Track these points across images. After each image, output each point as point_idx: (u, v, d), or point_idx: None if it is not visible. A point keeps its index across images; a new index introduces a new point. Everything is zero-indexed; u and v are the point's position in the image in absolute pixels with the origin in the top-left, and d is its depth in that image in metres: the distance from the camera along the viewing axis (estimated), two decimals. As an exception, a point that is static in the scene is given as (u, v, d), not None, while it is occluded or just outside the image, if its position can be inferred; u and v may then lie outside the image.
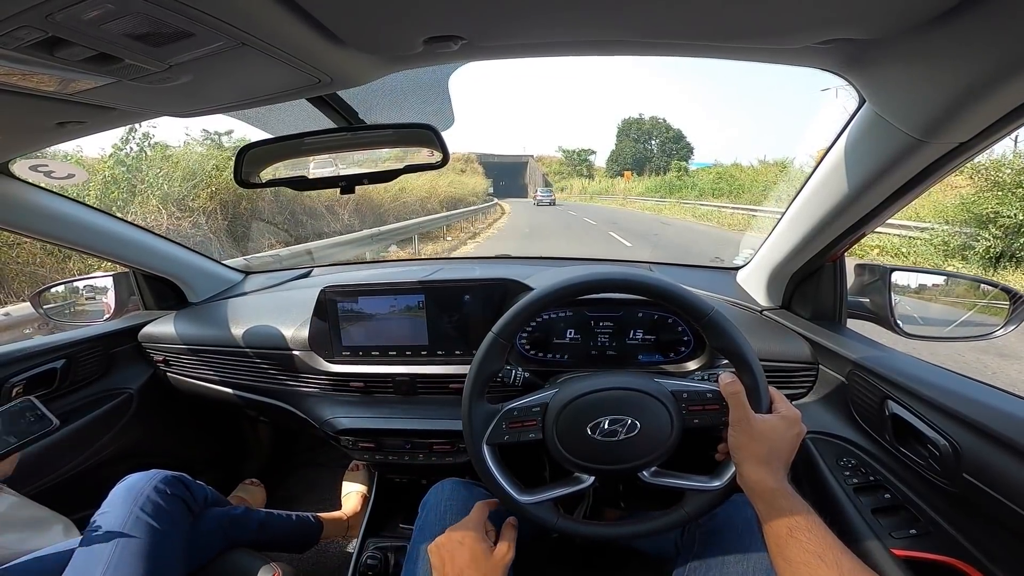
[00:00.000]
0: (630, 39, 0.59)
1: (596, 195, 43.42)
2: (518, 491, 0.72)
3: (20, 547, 0.88)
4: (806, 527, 0.56)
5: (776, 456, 0.63)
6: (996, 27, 0.46)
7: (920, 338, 0.96)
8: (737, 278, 1.29)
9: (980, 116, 0.56)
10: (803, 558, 0.53)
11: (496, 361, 0.73)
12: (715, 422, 0.70)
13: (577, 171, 67.55)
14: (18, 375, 1.16)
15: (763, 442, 0.64)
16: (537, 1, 0.49)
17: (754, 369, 0.67)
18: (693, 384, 0.72)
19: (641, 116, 67.87)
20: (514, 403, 0.73)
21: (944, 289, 1.02)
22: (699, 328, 0.71)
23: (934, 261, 7.31)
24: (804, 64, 0.64)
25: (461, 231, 12.94)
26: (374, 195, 12.06)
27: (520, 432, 0.72)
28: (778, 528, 0.58)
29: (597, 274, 0.73)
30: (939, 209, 8.16)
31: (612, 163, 66.00)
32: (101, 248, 1.26)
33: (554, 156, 73.27)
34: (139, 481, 0.91)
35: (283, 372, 1.21)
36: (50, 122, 0.73)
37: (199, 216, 7.30)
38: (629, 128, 66.94)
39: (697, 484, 0.71)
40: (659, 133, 65.78)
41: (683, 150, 63.44)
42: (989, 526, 0.64)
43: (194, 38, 0.47)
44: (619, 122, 68.91)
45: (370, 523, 1.26)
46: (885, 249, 8.16)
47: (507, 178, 65.74)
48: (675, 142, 64.73)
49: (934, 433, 0.69)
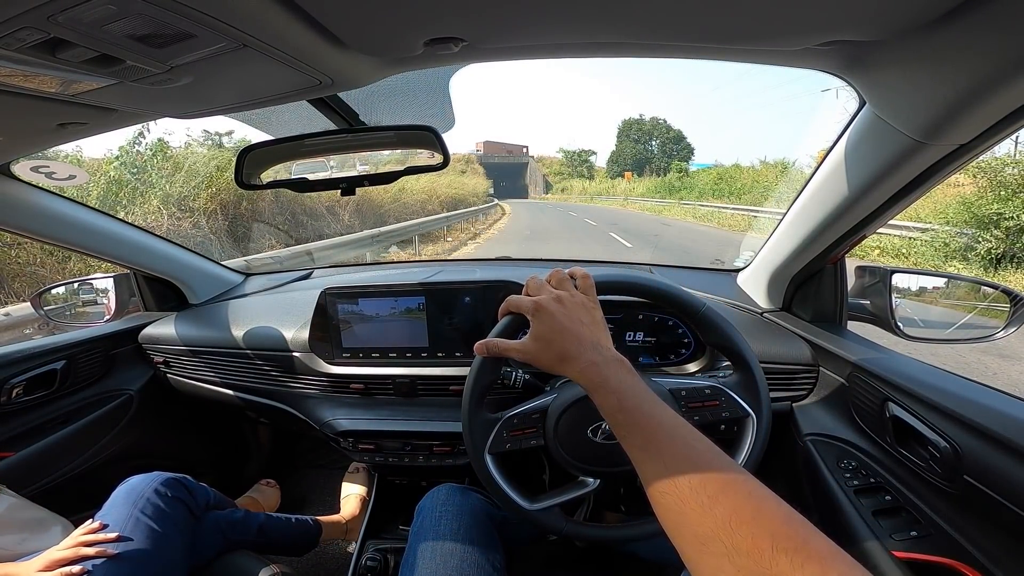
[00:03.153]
0: (630, 41, 0.59)
1: (596, 196, 43.04)
2: (524, 499, 0.72)
3: (19, 548, 0.88)
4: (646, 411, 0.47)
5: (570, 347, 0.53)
6: (996, 29, 0.46)
7: (921, 340, 0.95)
8: (737, 280, 1.29)
9: (980, 118, 0.56)
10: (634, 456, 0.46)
11: (490, 373, 0.73)
12: (716, 418, 0.70)
13: (578, 172, 66.80)
14: (18, 376, 1.16)
15: (544, 347, 0.54)
16: (537, 3, 0.49)
17: (750, 363, 0.67)
18: (690, 381, 0.73)
19: (641, 117, 67.35)
20: (513, 411, 0.73)
21: (945, 291, 1.02)
22: (693, 325, 0.71)
23: (934, 262, 7.26)
24: (804, 66, 0.64)
25: (462, 231, 12.91)
26: (374, 196, 12.07)
27: (521, 439, 0.72)
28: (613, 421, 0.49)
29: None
30: (939, 209, 8.11)
31: (612, 164, 65.50)
32: (102, 249, 1.26)
33: (555, 157, 72.51)
34: (140, 483, 0.91)
35: (283, 373, 1.21)
36: (51, 123, 0.73)
37: (199, 217, 7.29)
38: (629, 129, 66.24)
39: None
40: (659, 134, 65.55)
41: (683, 151, 63.19)
42: (989, 528, 0.64)
43: (195, 39, 0.48)
44: (619, 123, 68.41)
45: (370, 525, 1.26)
46: (885, 250, 8.11)
47: (508, 179, 64.69)
48: (675, 143, 64.53)
49: (934, 435, 0.69)
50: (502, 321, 0.68)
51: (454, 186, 20.30)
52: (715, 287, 1.26)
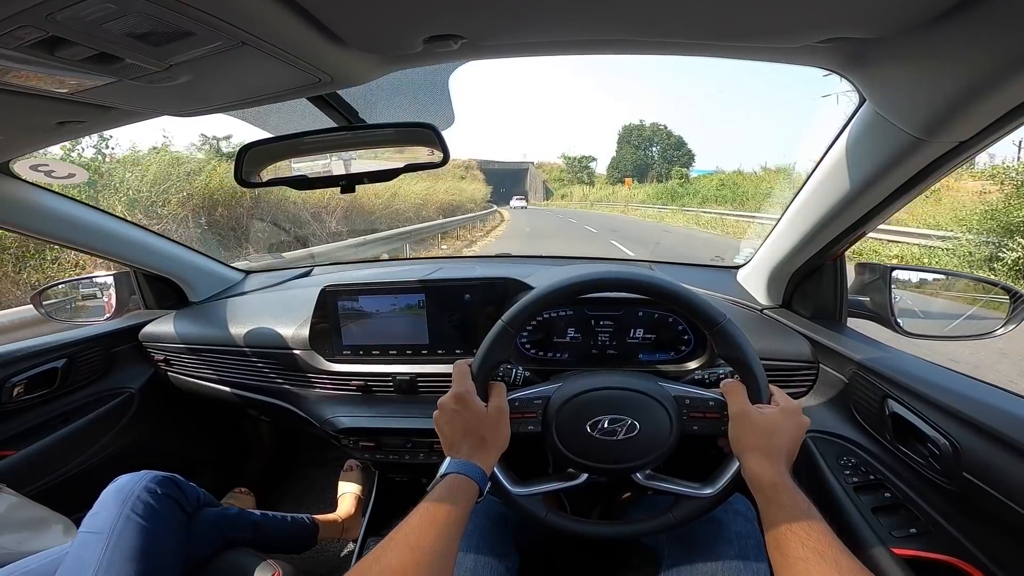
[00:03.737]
0: (630, 38, 0.59)
1: (597, 202, 42.83)
2: (511, 482, 0.72)
3: (18, 548, 0.88)
4: (805, 523, 0.55)
5: (776, 449, 0.63)
6: (996, 26, 0.46)
7: (920, 337, 0.95)
8: (737, 277, 1.29)
9: (981, 115, 0.56)
10: (801, 554, 0.53)
11: (503, 350, 0.72)
12: (714, 430, 0.70)
13: (578, 178, 66.95)
14: (19, 375, 1.16)
15: (762, 434, 0.64)
16: (535, 1, 0.49)
17: (756, 369, 0.67)
18: (697, 391, 0.72)
19: (642, 123, 67.62)
20: (516, 394, 0.73)
21: (944, 288, 1.02)
22: (709, 335, 0.70)
23: (960, 272, 6.93)
24: (804, 63, 0.64)
25: (457, 239, 12.55)
26: (365, 201, 11.65)
27: (519, 423, 0.72)
28: (777, 522, 0.57)
29: (610, 272, 0.72)
30: (961, 217, 7.84)
31: (613, 170, 65.68)
32: (102, 247, 1.26)
33: (555, 163, 72.64)
34: (129, 482, 0.90)
35: (283, 371, 1.21)
36: (50, 122, 0.73)
37: (169, 223, 7.03)
38: (630, 135, 66.53)
39: (688, 490, 0.70)
40: (660, 140, 65.80)
41: (684, 157, 63.49)
42: (989, 525, 0.64)
43: (194, 37, 0.47)
44: (620, 128, 68.56)
45: (371, 522, 1.27)
46: (904, 259, 7.78)
47: (508, 185, 65.22)
48: (676, 149, 64.75)
49: (934, 432, 0.69)
50: None
51: (451, 192, 19.84)
52: (715, 284, 1.26)
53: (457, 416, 0.67)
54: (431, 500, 0.59)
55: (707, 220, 17.81)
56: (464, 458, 0.65)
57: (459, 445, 0.66)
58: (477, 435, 0.66)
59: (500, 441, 0.68)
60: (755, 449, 0.64)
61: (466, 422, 0.67)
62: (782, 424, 0.65)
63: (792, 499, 0.58)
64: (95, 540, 0.81)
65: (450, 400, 0.68)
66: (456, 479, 0.62)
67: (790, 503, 0.58)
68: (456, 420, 0.67)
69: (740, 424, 0.66)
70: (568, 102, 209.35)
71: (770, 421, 0.65)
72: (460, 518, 0.59)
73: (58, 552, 0.85)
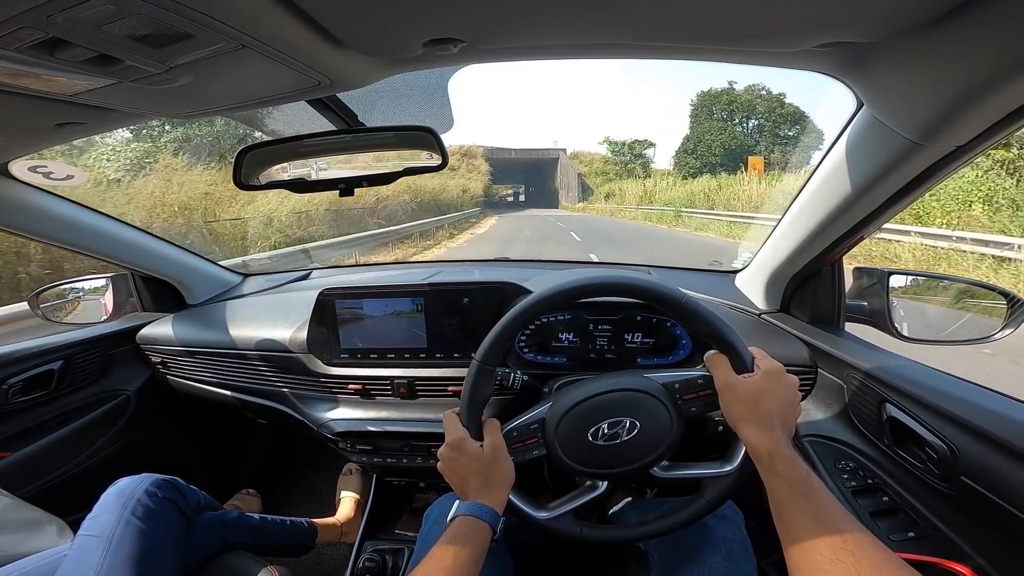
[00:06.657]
0: (628, 42, 0.59)
1: (683, 207, 19.99)
2: (534, 508, 0.72)
3: (13, 549, 0.87)
4: (805, 490, 0.54)
5: (766, 415, 0.61)
6: (993, 30, 0.46)
7: (918, 341, 0.96)
8: (735, 281, 1.29)
9: (978, 119, 0.56)
10: (802, 521, 0.52)
11: (486, 387, 0.72)
12: (712, 407, 0.69)
13: (628, 169, 44.73)
14: (15, 376, 1.16)
15: (749, 403, 0.62)
16: (535, 4, 0.49)
17: (730, 336, 0.66)
18: (682, 373, 0.72)
19: (731, 86, 39.12)
20: (511, 424, 0.73)
21: (942, 293, 1.02)
22: (676, 318, 0.70)
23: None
24: (802, 68, 0.64)
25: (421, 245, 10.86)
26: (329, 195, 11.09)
27: (524, 451, 0.72)
28: (776, 491, 0.56)
29: (571, 282, 0.71)
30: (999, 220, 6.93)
31: (686, 156, 38.09)
32: (100, 249, 1.26)
33: (596, 153, 49.13)
34: (130, 484, 0.90)
35: (281, 374, 1.21)
36: (49, 123, 0.73)
37: None
38: (710, 105, 39.03)
39: (711, 471, 0.70)
40: (762, 110, 38.21)
41: (810, 136, 36.00)
42: (987, 528, 0.64)
43: (194, 40, 0.48)
44: (693, 98, 42.02)
45: (367, 526, 1.26)
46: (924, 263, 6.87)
47: (528, 180, 51.94)
48: (793, 123, 37.93)
49: (932, 436, 0.69)
50: None
51: (438, 187, 17.96)
52: (713, 288, 1.26)
53: (456, 462, 0.69)
54: (441, 545, 0.60)
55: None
56: (471, 500, 0.66)
57: (465, 488, 0.68)
58: (480, 476, 0.68)
59: (504, 476, 0.69)
60: (745, 419, 0.62)
61: (466, 466, 0.68)
62: (766, 389, 0.63)
63: (789, 467, 0.57)
64: (95, 543, 0.80)
65: (446, 450, 0.70)
66: (464, 521, 0.63)
67: (787, 471, 0.57)
68: (456, 466, 0.69)
69: (728, 396, 0.65)
70: (604, 82, 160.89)
71: (753, 388, 0.63)
72: (470, 559, 0.60)
73: (54, 554, 0.84)
